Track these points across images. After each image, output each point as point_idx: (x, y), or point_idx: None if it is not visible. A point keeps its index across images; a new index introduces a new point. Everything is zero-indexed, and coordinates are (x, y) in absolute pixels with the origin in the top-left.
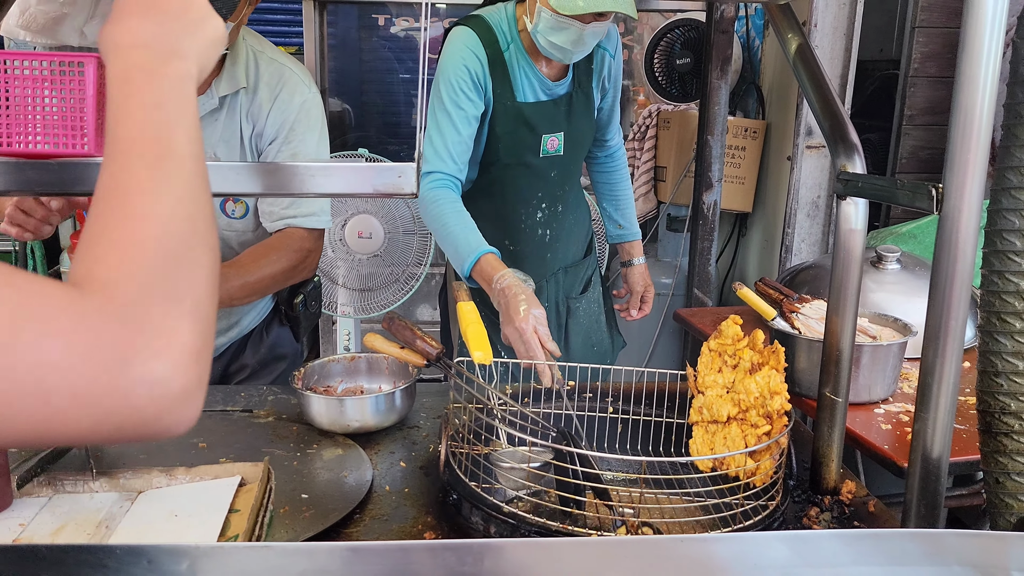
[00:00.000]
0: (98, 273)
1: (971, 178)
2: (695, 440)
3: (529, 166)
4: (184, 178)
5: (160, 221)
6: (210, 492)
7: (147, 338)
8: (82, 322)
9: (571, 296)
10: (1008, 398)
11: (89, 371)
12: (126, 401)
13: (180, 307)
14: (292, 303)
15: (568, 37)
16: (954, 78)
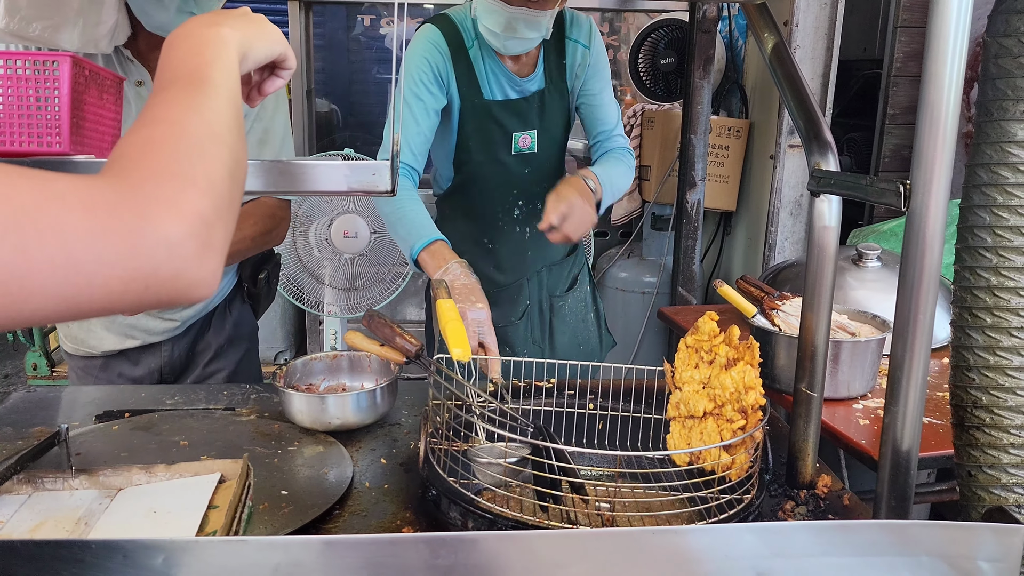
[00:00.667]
0: (118, 161)
1: (937, 175)
2: (672, 435)
3: (502, 164)
4: (211, 102)
5: (181, 125)
6: (189, 489)
7: (161, 206)
8: (101, 195)
9: (555, 294)
10: (979, 392)
11: (110, 237)
12: (146, 261)
13: (194, 184)
14: (256, 279)
15: (497, 20)
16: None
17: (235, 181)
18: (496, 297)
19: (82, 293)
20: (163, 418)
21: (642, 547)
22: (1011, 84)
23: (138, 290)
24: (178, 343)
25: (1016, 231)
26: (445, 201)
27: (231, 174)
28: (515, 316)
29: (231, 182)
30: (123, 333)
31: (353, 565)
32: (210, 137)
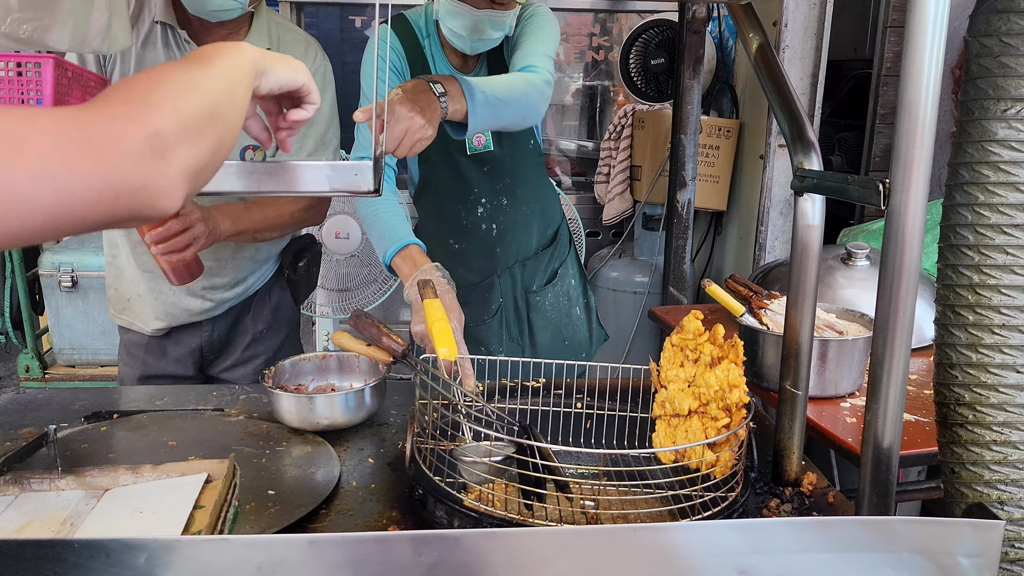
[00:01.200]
0: (98, 97)
1: (916, 173)
2: (658, 433)
3: (458, 164)
4: (204, 71)
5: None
6: (176, 489)
7: (122, 121)
8: (76, 118)
9: (531, 289)
10: (962, 389)
11: (81, 149)
12: (114, 171)
13: (158, 109)
14: (296, 265)
15: (463, 23)
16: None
17: (210, 124)
18: (466, 297)
19: (61, 204)
20: (151, 419)
21: (624, 544)
22: (992, 83)
23: (110, 199)
24: (217, 324)
25: (998, 229)
26: (418, 201)
27: (204, 114)
28: (487, 315)
29: (202, 120)
30: (166, 312)
31: (337, 563)
32: (189, 87)
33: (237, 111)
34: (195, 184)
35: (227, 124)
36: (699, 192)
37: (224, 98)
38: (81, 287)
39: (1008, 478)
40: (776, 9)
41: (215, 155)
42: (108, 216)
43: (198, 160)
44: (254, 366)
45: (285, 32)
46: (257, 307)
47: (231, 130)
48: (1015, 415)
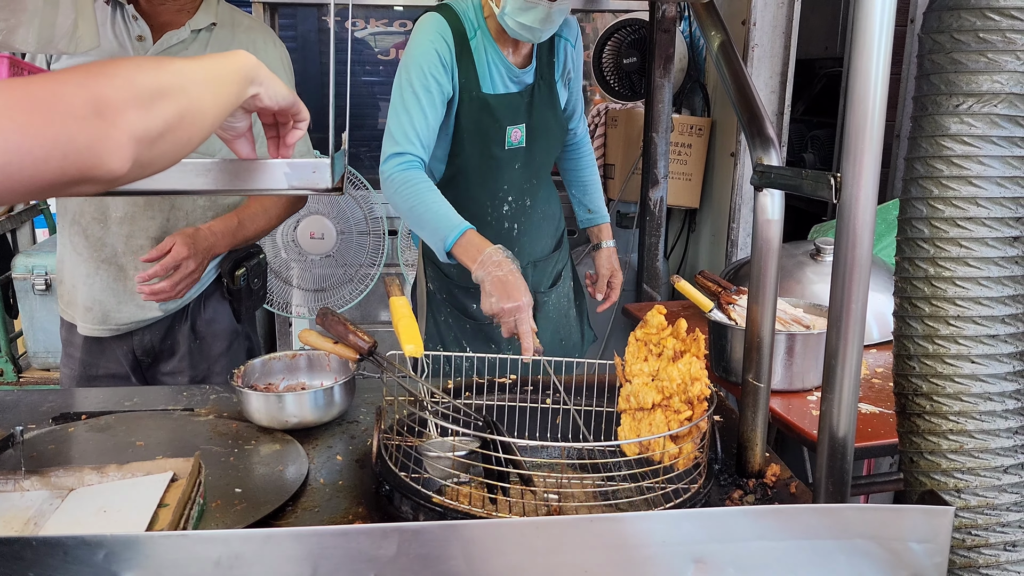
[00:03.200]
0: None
1: (866, 167)
2: (623, 427)
3: (494, 158)
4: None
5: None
6: (141, 488)
7: (71, 86)
8: (23, 85)
9: (539, 290)
10: (920, 380)
11: (32, 111)
12: (61, 130)
13: (109, 79)
14: (233, 275)
15: (537, 16)
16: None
17: (169, 96)
18: None
19: (13, 162)
20: (120, 420)
21: (581, 534)
22: (944, 79)
23: (59, 158)
24: (149, 332)
25: (951, 222)
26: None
27: (162, 87)
28: None
29: (158, 92)
30: (101, 313)
31: (295, 557)
32: (152, 66)
33: (212, 96)
34: (150, 152)
35: (193, 102)
36: (672, 190)
37: (195, 80)
38: (55, 290)
39: (964, 466)
40: (744, 8)
41: (174, 128)
42: (59, 175)
43: (149, 127)
44: (190, 376)
45: (240, 16)
46: (192, 318)
47: (198, 109)
48: (970, 404)
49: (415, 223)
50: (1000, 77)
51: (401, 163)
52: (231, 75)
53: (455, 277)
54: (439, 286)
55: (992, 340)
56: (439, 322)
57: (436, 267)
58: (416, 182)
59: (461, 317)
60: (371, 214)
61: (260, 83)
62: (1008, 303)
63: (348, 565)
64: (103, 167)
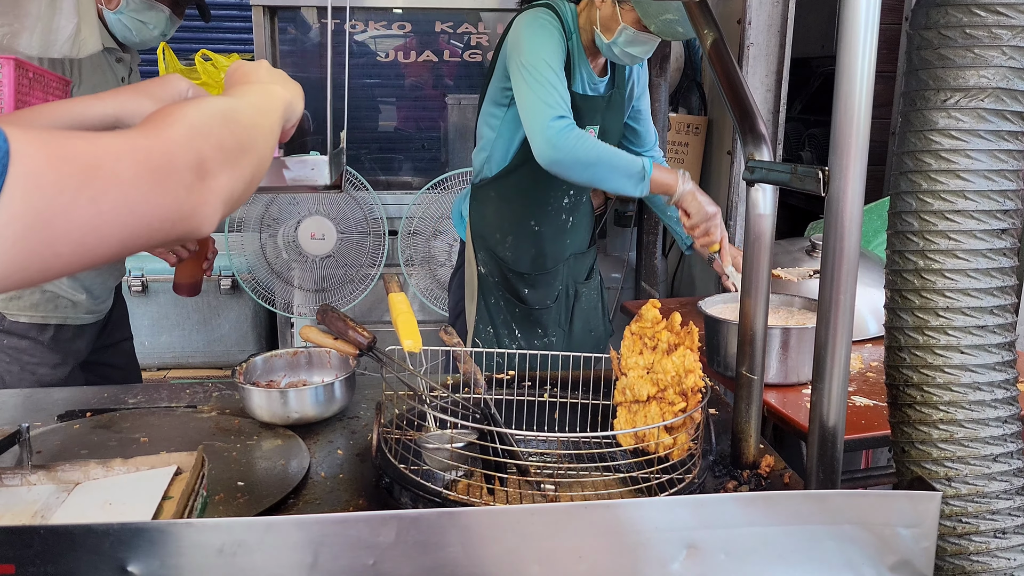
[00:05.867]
0: (153, 116)
1: (853, 160)
2: (619, 419)
3: None
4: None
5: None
6: (146, 481)
7: (182, 150)
8: (142, 146)
9: (578, 281)
10: (910, 371)
11: (152, 179)
12: (176, 199)
13: (207, 138)
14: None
15: (646, 48)
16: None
17: (246, 155)
18: (535, 280)
19: (135, 234)
20: (124, 416)
21: (576, 521)
22: (932, 75)
23: (169, 226)
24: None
25: (940, 215)
26: (494, 183)
27: (242, 146)
28: (551, 299)
29: (239, 151)
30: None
31: (296, 544)
32: (237, 122)
33: (269, 147)
34: (228, 210)
35: (260, 157)
36: None
37: (263, 132)
38: None
39: (955, 455)
40: (739, 7)
41: (248, 185)
42: (163, 240)
43: (235, 188)
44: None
45: None
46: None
47: (263, 162)
48: (960, 394)
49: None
50: (986, 72)
51: (566, 123)
52: (278, 118)
53: (509, 261)
54: (491, 269)
55: (981, 331)
56: (489, 305)
57: (489, 251)
58: (585, 136)
59: (512, 301)
60: (371, 214)
61: (294, 112)
62: (996, 294)
63: (348, 552)
64: (198, 232)
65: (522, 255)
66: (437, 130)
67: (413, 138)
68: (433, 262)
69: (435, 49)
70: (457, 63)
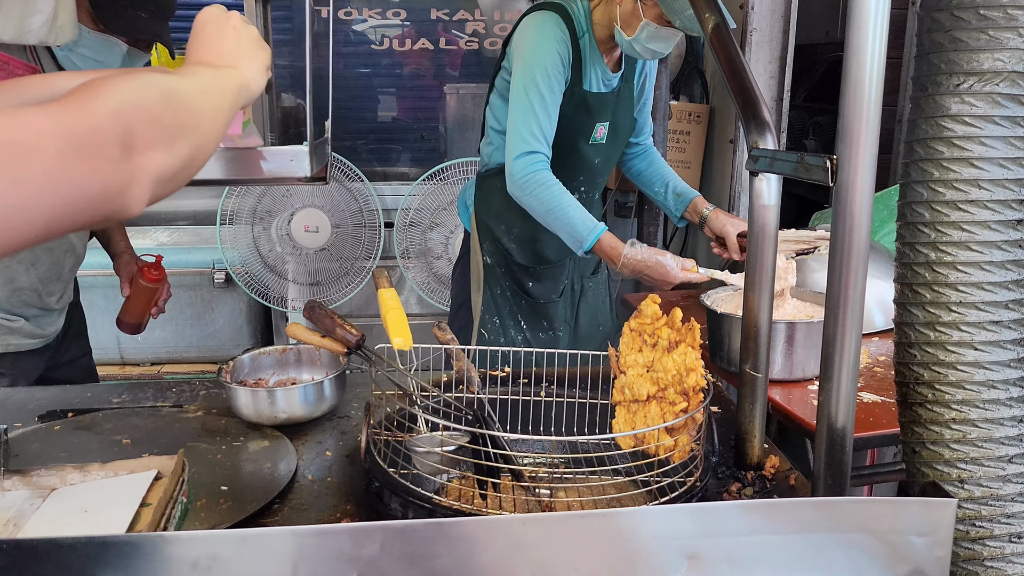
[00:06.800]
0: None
1: (863, 148)
2: (618, 419)
3: (578, 151)
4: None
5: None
6: (124, 487)
7: (111, 123)
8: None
9: (584, 275)
10: (921, 368)
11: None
12: (105, 176)
13: (140, 111)
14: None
15: (667, 44)
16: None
17: (185, 136)
18: (542, 274)
19: (61, 215)
20: (107, 417)
21: (572, 531)
22: (944, 58)
23: (94, 206)
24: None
25: (953, 206)
26: (500, 173)
27: (181, 125)
28: (556, 294)
29: (178, 131)
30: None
31: (274, 557)
32: (176, 100)
33: (215, 131)
34: (162, 190)
35: (202, 139)
36: None
37: (207, 115)
38: None
39: (967, 456)
40: None
41: (186, 167)
42: (89, 220)
43: (169, 168)
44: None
45: None
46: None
47: (206, 146)
48: (973, 393)
49: (552, 219)
50: (1002, 55)
51: (533, 162)
52: (229, 102)
53: (514, 252)
54: (497, 260)
55: (995, 326)
56: (495, 296)
57: (495, 242)
58: (550, 183)
59: (519, 292)
60: (367, 206)
61: (251, 96)
62: (1012, 288)
63: (329, 565)
64: (125, 211)
65: (527, 248)
66: (434, 120)
67: (409, 128)
68: (430, 255)
69: (431, 37)
70: (454, 51)
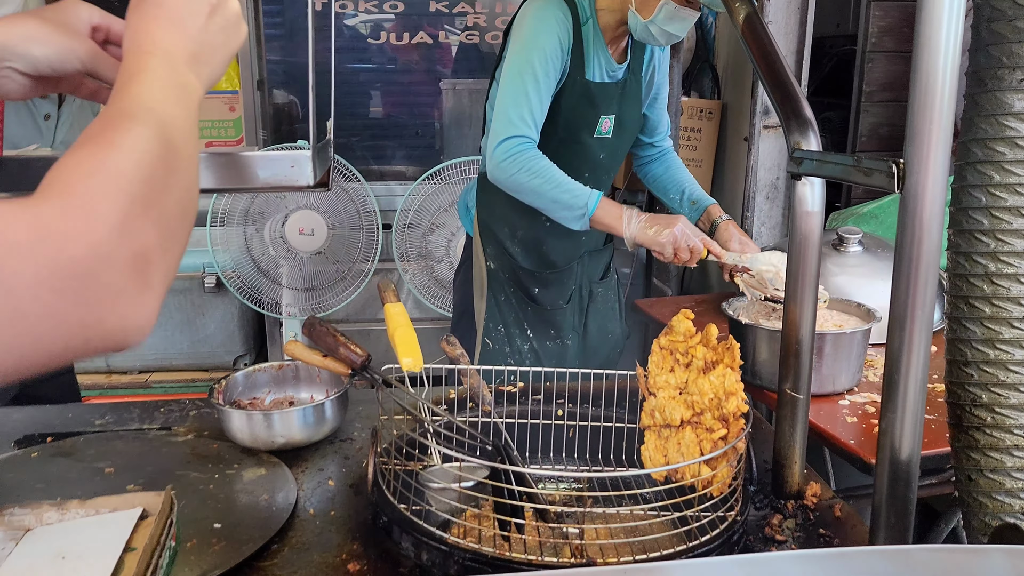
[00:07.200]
0: (55, 182)
1: (934, 151)
2: (647, 446)
3: (583, 144)
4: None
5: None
6: (106, 528)
7: (111, 235)
8: (51, 231)
9: (593, 280)
10: (979, 389)
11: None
12: (95, 310)
13: (146, 214)
14: None
15: (685, 25)
16: (912, 43)
17: (187, 218)
18: (548, 279)
19: (30, 363)
20: (88, 442)
21: None
22: (1006, 50)
23: (83, 344)
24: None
25: (1015, 212)
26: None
27: (184, 213)
28: (563, 300)
29: (181, 218)
30: None
31: None
32: (174, 179)
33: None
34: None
35: (194, 204)
36: None
37: (193, 167)
38: None
39: None
40: None
41: (179, 259)
42: (69, 360)
43: (173, 268)
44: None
45: None
46: None
47: (193, 210)
48: None
49: (545, 193)
50: None
51: (519, 143)
52: (197, 129)
53: (519, 257)
54: (501, 265)
55: None
56: (500, 302)
57: (499, 245)
58: (539, 157)
59: (524, 299)
60: (364, 207)
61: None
62: None
63: None
64: (126, 344)
65: (532, 252)
66: (431, 117)
67: (407, 125)
68: (430, 258)
69: (430, 30)
70: (453, 45)
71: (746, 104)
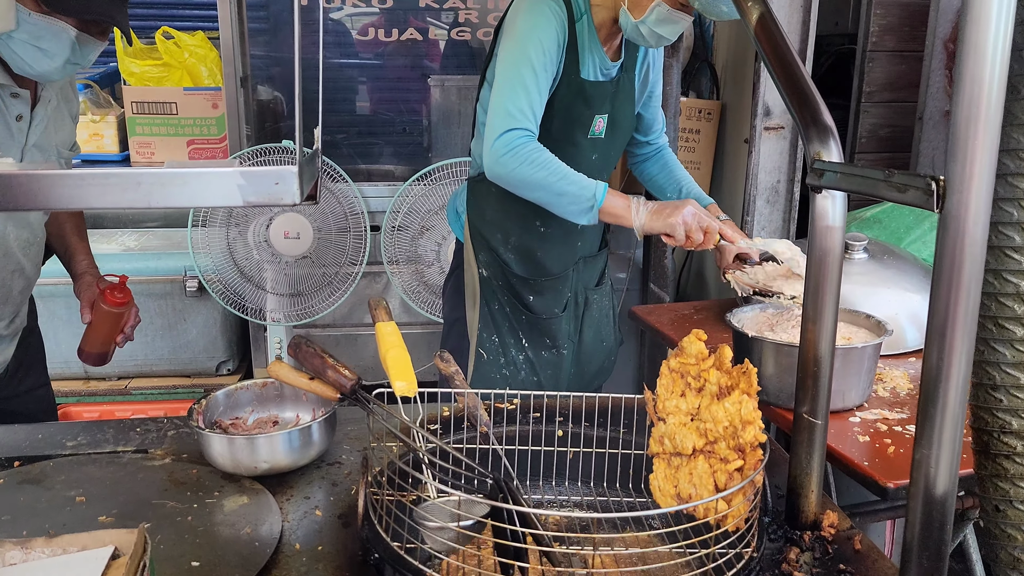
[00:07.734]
0: None
1: (979, 169)
2: (656, 475)
3: (576, 145)
4: None
5: None
6: (74, 570)
7: None
8: None
9: (588, 287)
10: (1008, 415)
11: None
12: None
13: None
14: None
15: (676, 29)
16: (915, 42)
17: None
18: (544, 286)
19: None
20: (58, 467)
21: None
22: None
23: None
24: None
25: None
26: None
27: None
28: (559, 308)
29: None
30: None
31: None
32: None
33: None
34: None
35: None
36: None
37: None
38: None
39: None
40: None
41: None
42: None
43: None
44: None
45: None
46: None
47: None
48: None
49: (551, 192)
50: None
51: (520, 136)
52: None
53: (512, 264)
54: (494, 272)
55: None
56: (494, 311)
57: (491, 252)
58: (542, 149)
59: (518, 307)
60: (351, 209)
61: None
62: None
63: None
64: None
65: (526, 259)
66: (420, 114)
67: (394, 122)
68: (420, 262)
69: (419, 27)
70: (441, 41)
71: (746, 104)
